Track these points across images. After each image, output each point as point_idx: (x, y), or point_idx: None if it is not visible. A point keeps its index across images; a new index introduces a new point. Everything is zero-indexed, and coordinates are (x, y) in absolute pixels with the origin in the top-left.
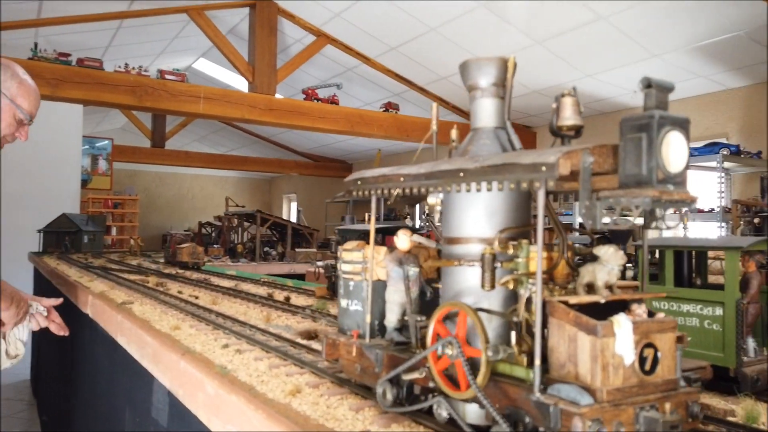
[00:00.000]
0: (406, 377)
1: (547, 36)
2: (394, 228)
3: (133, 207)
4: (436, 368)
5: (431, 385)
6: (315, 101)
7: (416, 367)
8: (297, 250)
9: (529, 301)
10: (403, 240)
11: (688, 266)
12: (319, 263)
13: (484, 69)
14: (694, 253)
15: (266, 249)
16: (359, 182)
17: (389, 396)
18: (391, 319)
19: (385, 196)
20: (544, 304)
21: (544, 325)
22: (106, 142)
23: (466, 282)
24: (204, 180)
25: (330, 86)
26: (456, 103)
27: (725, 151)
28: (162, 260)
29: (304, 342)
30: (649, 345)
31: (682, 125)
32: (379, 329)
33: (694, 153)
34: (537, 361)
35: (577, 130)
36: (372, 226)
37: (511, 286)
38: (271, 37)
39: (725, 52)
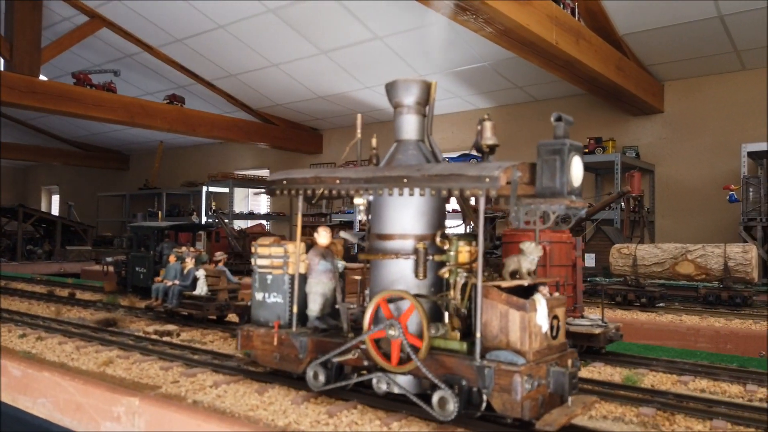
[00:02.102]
0: (340, 359)
1: (331, 48)
2: (187, 225)
3: None
4: (375, 348)
5: (365, 363)
6: (88, 87)
7: (349, 350)
8: (68, 248)
9: (463, 286)
10: (324, 236)
11: None
12: (109, 260)
13: (410, 89)
14: None
15: (30, 247)
16: (285, 182)
17: (321, 378)
18: (314, 309)
19: (315, 196)
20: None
21: (475, 305)
22: None
23: (400, 273)
24: None
25: (106, 72)
26: (245, 101)
27: (473, 162)
28: None
29: (104, 328)
30: (555, 317)
31: (580, 150)
32: (298, 319)
33: (449, 162)
34: (478, 334)
35: (492, 148)
36: (299, 223)
37: (446, 275)
38: (35, 12)
39: (474, 79)
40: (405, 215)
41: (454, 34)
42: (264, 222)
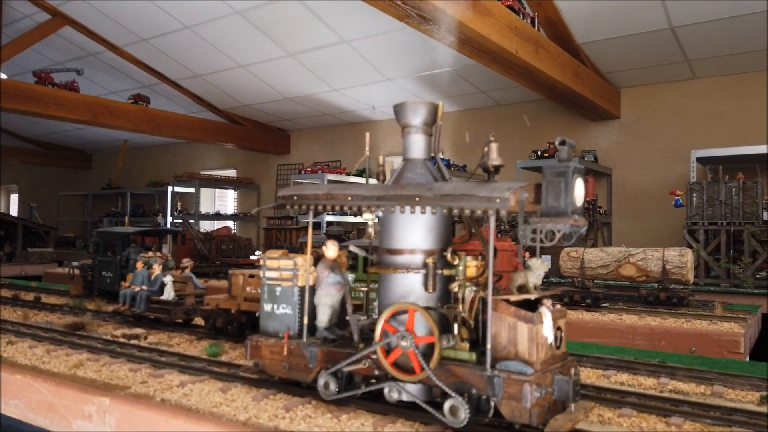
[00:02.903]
0: (350, 368)
1: (299, 50)
2: (154, 231)
3: None
4: (387, 358)
5: (375, 372)
6: (50, 86)
7: (360, 360)
8: (30, 249)
9: (469, 299)
10: (332, 249)
11: None
12: (75, 263)
13: (418, 111)
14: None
15: None
16: (296, 197)
17: (333, 387)
18: (323, 320)
19: (327, 212)
20: (486, 301)
21: (484, 317)
22: None
23: (410, 286)
24: None
25: (69, 71)
26: (211, 101)
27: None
28: None
29: (73, 332)
30: (558, 328)
31: (582, 172)
32: (307, 329)
33: None
34: (488, 345)
35: (498, 169)
36: (309, 237)
37: (456, 289)
38: None
39: (440, 83)
40: (414, 231)
41: (420, 39)
42: (230, 223)
